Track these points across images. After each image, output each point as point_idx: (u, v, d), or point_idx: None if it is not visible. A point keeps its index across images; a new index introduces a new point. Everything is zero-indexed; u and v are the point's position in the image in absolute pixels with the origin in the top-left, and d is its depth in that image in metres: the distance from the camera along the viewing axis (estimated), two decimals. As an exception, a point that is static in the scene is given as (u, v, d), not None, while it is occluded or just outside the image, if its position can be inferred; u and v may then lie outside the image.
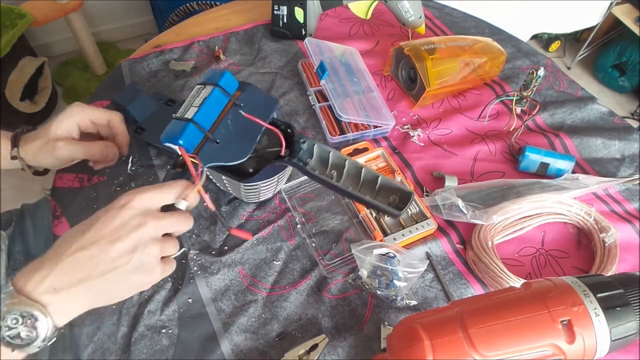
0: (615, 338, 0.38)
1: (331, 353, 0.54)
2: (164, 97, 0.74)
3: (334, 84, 0.77)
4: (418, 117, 0.80)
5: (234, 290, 0.59)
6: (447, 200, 0.63)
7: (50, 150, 0.59)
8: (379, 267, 0.56)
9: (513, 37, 0.98)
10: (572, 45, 2.31)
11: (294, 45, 0.92)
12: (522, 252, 0.64)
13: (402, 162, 0.73)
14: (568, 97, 0.85)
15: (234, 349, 0.54)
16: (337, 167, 0.54)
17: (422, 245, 0.63)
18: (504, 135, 0.78)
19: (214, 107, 0.52)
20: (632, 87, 2.10)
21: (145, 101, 0.72)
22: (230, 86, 0.54)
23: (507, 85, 0.86)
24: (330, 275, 0.60)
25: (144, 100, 0.71)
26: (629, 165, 0.74)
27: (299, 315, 0.57)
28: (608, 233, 0.62)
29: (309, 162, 0.55)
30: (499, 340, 0.38)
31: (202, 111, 0.50)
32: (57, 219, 0.64)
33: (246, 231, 0.62)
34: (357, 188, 0.53)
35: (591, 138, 0.77)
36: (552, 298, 0.39)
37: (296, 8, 0.87)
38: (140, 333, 0.55)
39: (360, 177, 0.53)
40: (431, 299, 0.59)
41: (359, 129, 0.75)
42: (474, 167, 0.73)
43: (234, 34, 0.93)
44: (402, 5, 0.83)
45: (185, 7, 1.51)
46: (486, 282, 0.60)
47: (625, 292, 0.39)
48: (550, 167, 0.70)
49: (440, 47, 0.79)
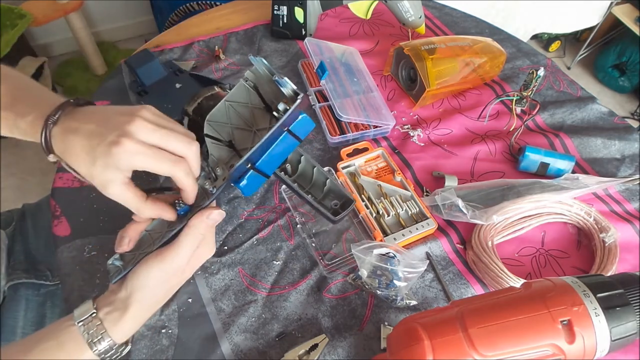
0: (615, 338, 0.38)
1: (331, 353, 0.54)
2: (174, 66, 0.78)
3: (334, 84, 0.77)
4: (418, 117, 0.80)
5: (234, 290, 0.59)
6: (447, 200, 0.63)
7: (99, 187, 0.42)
8: (379, 267, 0.56)
9: (513, 37, 0.98)
10: (572, 45, 2.31)
11: (294, 45, 0.92)
12: (522, 252, 0.64)
13: (402, 162, 0.73)
14: (568, 97, 0.85)
15: (234, 348, 0.54)
16: (293, 162, 0.54)
17: (422, 245, 0.63)
18: (504, 135, 0.78)
19: (280, 154, 0.45)
20: (632, 87, 2.10)
21: (155, 67, 0.74)
22: (303, 130, 0.44)
23: (507, 85, 0.86)
24: (330, 275, 0.60)
25: (155, 66, 0.74)
26: (629, 165, 0.74)
27: (299, 315, 0.57)
28: (608, 233, 0.62)
29: None
30: (499, 340, 0.38)
31: (267, 158, 0.44)
32: (57, 219, 0.64)
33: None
34: (308, 186, 0.53)
35: (591, 138, 0.77)
36: (552, 298, 0.39)
37: (296, 8, 0.87)
38: (140, 333, 0.55)
39: (312, 176, 0.54)
40: (431, 299, 0.59)
41: (359, 129, 0.75)
42: (474, 167, 0.73)
43: (234, 33, 0.93)
44: (402, 5, 0.83)
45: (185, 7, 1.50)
46: (486, 282, 0.60)
47: (625, 292, 0.39)
48: (550, 167, 0.70)
49: (440, 47, 0.79)
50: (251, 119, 0.47)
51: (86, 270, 0.59)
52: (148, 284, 0.44)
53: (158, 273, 0.44)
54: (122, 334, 0.44)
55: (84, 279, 0.59)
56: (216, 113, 0.47)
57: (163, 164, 0.41)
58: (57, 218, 0.64)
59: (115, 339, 0.44)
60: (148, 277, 0.44)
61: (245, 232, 0.64)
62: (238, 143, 0.47)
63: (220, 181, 0.46)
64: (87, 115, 0.44)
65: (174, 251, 0.44)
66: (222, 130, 0.47)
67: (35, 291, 0.69)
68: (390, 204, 0.65)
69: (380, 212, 0.64)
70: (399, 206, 0.65)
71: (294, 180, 0.52)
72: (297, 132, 0.44)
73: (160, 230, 0.49)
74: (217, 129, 0.47)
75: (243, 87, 0.46)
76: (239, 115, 0.47)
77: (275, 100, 0.44)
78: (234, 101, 0.47)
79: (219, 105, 0.46)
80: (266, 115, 0.46)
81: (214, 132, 0.47)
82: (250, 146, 0.43)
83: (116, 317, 0.44)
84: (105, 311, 0.44)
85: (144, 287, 0.44)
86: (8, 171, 1.67)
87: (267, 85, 0.45)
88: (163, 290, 0.46)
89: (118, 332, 0.44)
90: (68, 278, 0.59)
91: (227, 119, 0.47)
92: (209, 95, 0.59)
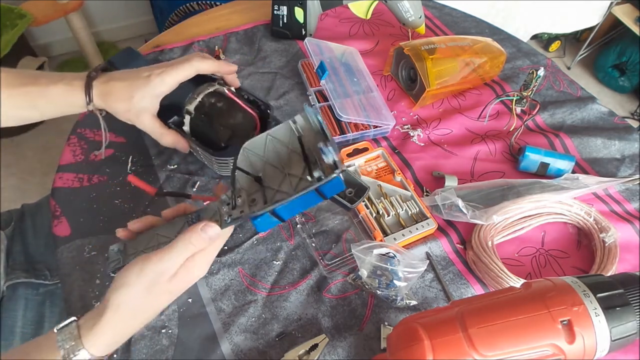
0: (615, 338, 0.38)
1: (331, 353, 0.54)
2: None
3: (334, 84, 0.77)
4: (418, 117, 0.80)
5: (234, 290, 0.59)
6: (447, 200, 0.63)
7: (132, 118, 0.58)
8: (379, 267, 0.56)
9: (513, 37, 0.98)
10: (572, 45, 2.31)
11: (294, 45, 0.92)
12: (522, 252, 0.64)
13: (402, 162, 0.73)
14: (568, 97, 0.85)
15: (234, 348, 0.54)
16: None
17: (422, 245, 0.63)
18: (504, 135, 0.78)
19: (301, 205, 0.43)
20: (632, 87, 2.10)
21: (140, 66, 0.72)
22: (332, 191, 0.43)
23: (507, 85, 0.86)
24: (330, 275, 0.60)
25: (140, 64, 0.72)
26: (629, 165, 0.74)
27: (299, 315, 0.57)
28: (608, 233, 0.62)
29: None
30: (499, 340, 0.38)
31: (288, 205, 0.42)
32: (57, 219, 0.64)
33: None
34: None
35: (591, 138, 0.77)
36: (552, 298, 0.39)
37: (296, 8, 0.87)
38: (140, 333, 0.55)
39: None
40: (431, 299, 0.59)
41: (359, 129, 0.75)
42: (474, 167, 0.73)
43: (234, 33, 0.93)
44: (402, 5, 0.83)
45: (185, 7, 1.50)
46: (486, 282, 0.60)
47: (625, 292, 0.39)
48: (550, 167, 0.70)
49: (440, 47, 0.79)
50: (287, 160, 0.45)
51: (86, 271, 0.59)
52: (126, 283, 0.42)
53: (138, 273, 0.42)
54: (98, 344, 0.41)
55: (84, 279, 0.59)
56: (255, 142, 0.46)
57: (183, 68, 0.57)
58: (57, 218, 0.64)
59: (91, 350, 0.41)
60: (127, 276, 0.42)
61: (245, 232, 0.64)
62: (267, 179, 0.45)
63: (237, 212, 0.45)
64: (115, 72, 0.59)
65: (160, 254, 0.43)
66: (256, 160, 0.46)
67: (35, 291, 0.69)
68: (390, 204, 0.65)
69: (380, 212, 0.64)
70: (399, 206, 0.65)
71: None
72: (326, 191, 0.42)
73: (168, 235, 0.48)
74: (251, 159, 0.46)
75: (288, 127, 0.44)
76: (276, 153, 0.45)
77: (315, 154, 0.42)
78: (275, 137, 0.45)
79: (260, 136, 0.45)
80: (301, 163, 0.43)
81: (247, 160, 0.46)
82: (276, 189, 0.43)
83: (92, 324, 0.41)
84: (84, 318, 0.42)
85: (121, 287, 0.42)
86: (8, 171, 1.67)
87: (312, 136, 0.43)
88: (142, 295, 0.42)
89: (94, 342, 0.41)
90: (68, 278, 0.59)
91: (263, 152, 0.46)
92: (210, 92, 0.59)
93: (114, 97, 0.56)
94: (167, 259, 0.43)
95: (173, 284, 0.44)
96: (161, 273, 0.42)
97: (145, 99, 0.56)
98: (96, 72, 0.57)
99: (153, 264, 0.42)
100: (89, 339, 0.41)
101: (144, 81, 0.56)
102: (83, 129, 0.74)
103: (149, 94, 0.56)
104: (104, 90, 0.56)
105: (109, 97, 0.56)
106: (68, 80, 0.56)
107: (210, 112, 0.62)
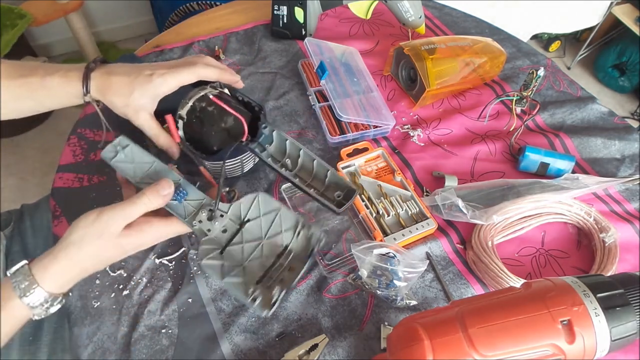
0: (615, 338, 0.38)
1: (331, 353, 0.54)
2: None
3: (334, 84, 0.77)
4: (418, 117, 0.80)
5: (234, 290, 0.59)
6: (447, 200, 0.63)
7: (130, 114, 0.57)
8: (379, 267, 0.56)
9: (513, 37, 0.98)
10: (572, 45, 2.31)
11: (294, 45, 0.92)
12: (522, 252, 0.64)
13: (402, 162, 0.73)
14: (568, 97, 0.85)
15: (234, 348, 0.54)
16: (292, 157, 0.55)
17: (422, 245, 0.63)
18: (504, 135, 0.78)
19: None
20: (632, 87, 2.10)
21: None
22: None
23: (507, 85, 0.86)
24: (330, 275, 0.60)
25: None
26: (629, 165, 0.74)
27: (299, 315, 0.57)
28: (608, 233, 0.62)
29: (267, 147, 0.57)
30: (499, 340, 0.38)
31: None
32: (57, 219, 0.64)
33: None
34: (309, 179, 0.53)
35: (591, 138, 0.77)
36: (552, 298, 0.39)
37: (296, 8, 0.87)
38: (140, 333, 0.55)
39: (313, 169, 0.53)
40: (431, 299, 0.59)
41: (359, 129, 0.75)
42: (474, 167, 0.73)
43: (234, 33, 0.93)
44: (402, 5, 0.83)
45: (185, 7, 1.50)
46: (486, 282, 0.60)
47: (625, 292, 0.39)
48: (550, 167, 0.70)
49: (440, 47, 0.79)
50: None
51: (86, 270, 0.59)
52: (81, 225, 0.46)
53: (94, 219, 0.46)
54: (50, 281, 0.45)
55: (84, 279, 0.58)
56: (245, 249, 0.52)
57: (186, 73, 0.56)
58: (57, 218, 0.64)
59: (45, 287, 0.44)
60: (83, 220, 0.47)
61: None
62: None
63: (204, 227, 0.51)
64: (116, 65, 0.57)
65: (118, 205, 0.47)
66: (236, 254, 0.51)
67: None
68: (390, 204, 0.65)
69: (380, 212, 0.64)
70: (399, 206, 0.65)
71: (295, 175, 0.52)
72: None
73: None
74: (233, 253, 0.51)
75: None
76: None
77: None
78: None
79: (252, 245, 0.52)
80: None
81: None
82: None
83: (44, 263, 0.45)
84: (36, 259, 0.45)
85: (75, 228, 0.46)
86: (8, 171, 1.67)
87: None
88: (92, 240, 0.46)
89: (47, 279, 0.45)
90: (68, 278, 0.59)
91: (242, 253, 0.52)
92: (200, 97, 0.59)
93: (113, 91, 0.55)
94: (122, 210, 0.47)
95: (124, 238, 0.47)
96: (115, 222, 0.46)
97: (145, 97, 0.56)
98: (95, 63, 0.56)
99: (109, 211, 0.46)
100: (41, 277, 0.45)
101: (146, 79, 0.55)
102: (83, 129, 0.74)
103: (149, 93, 0.56)
104: (103, 83, 0.56)
105: (108, 90, 0.55)
106: (65, 71, 0.56)
107: (201, 117, 0.62)
